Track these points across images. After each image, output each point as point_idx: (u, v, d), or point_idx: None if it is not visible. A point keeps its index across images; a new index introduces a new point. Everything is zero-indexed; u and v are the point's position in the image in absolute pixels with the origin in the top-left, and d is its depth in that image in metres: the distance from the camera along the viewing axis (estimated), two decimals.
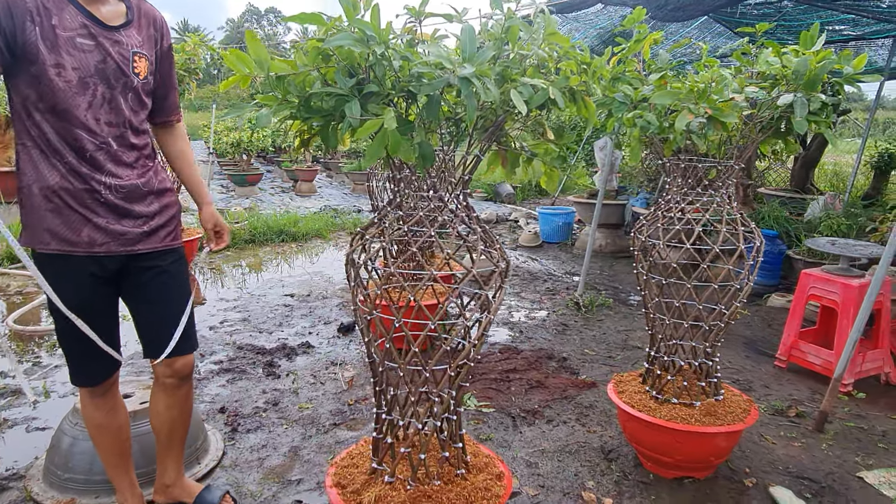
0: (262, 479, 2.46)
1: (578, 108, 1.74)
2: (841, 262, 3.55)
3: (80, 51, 1.70)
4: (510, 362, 3.68)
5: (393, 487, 1.81)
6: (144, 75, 1.85)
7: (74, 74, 1.69)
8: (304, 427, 2.88)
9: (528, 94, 1.48)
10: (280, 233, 7.32)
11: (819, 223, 5.30)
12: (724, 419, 2.36)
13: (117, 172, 1.79)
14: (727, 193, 2.37)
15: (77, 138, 1.72)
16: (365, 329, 1.82)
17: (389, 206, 1.82)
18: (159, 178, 1.93)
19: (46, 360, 3.62)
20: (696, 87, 2.03)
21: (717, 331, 2.39)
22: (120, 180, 1.79)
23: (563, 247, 7.35)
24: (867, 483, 2.49)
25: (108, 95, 1.76)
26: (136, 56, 1.81)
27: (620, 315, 4.75)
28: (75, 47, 1.69)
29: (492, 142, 1.76)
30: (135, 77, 1.81)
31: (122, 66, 1.77)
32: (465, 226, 1.76)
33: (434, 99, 1.47)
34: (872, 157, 6.79)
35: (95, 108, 1.74)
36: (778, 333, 4.25)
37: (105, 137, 1.76)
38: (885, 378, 3.51)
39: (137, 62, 1.82)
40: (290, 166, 12.59)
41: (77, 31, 1.69)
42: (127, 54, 1.79)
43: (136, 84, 1.82)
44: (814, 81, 1.95)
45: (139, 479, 2.23)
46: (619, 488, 2.43)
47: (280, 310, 4.71)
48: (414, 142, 1.51)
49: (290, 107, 1.59)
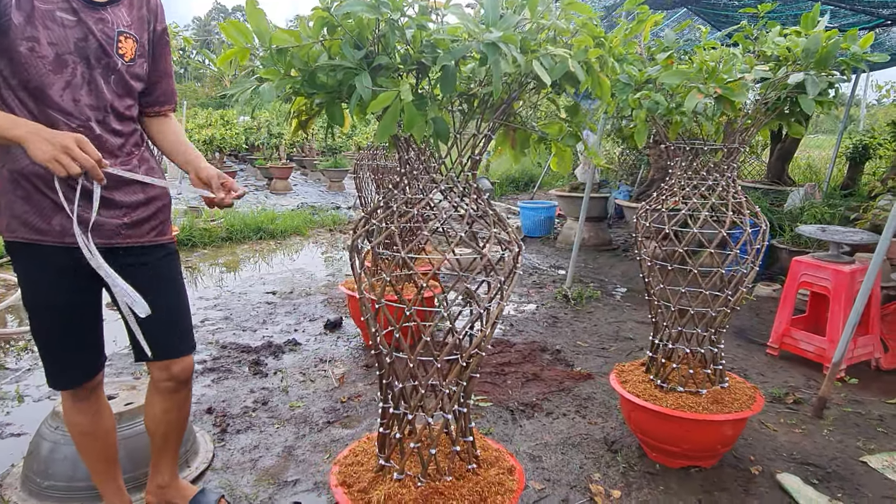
0: (257, 480, 2.35)
1: (592, 85, 1.67)
2: (831, 249, 3.56)
3: (60, 25, 1.55)
4: (504, 355, 3.61)
5: (403, 485, 1.73)
6: (131, 57, 1.70)
7: (51, 50, 1.55)
8: (296, 426, 2.77)
9: (549, 65, 1.41)
10: (258, 230, 7.15)
11: (801, 213, 5.35)
12: (731, 406, 2.32)
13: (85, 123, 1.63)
14: (731, 177, 2.33)
15: (52, 121, 1.57)
16: (371, 319, 1.72)
17: (395, 188, 1.73)
18: (146, 168, 1.78)
19: (15, 364, 3.43)
20: (705, 65, 1.98)
21: (722, 317, 2.36)
22: None
23: (545, 241, 7.31)
24: (871, 467, 2.47)
25: (87, 76, 1.61)
26: (122, 36, 1.67)
27: (609, 307, 4.72)
28: (53, 21, 1.54)
29: (503, 120, 1.68)
30: (118, 58, 1.66)
31: (105, 46, 1.63)
32: (477, 208, 1.68)
33: (450, 71, 1.39)
34: (847, 148, 6.90)
35: (74, 89, 1.60)
36: (766, 322, 4.27)
37: (84, 121, 1.62)
38: (875, 363, 3.53)
39: (123, 43, 1.67)
40: (265, 164, 12.37)
41: (58, 4, 1.55)
42: (111, 33, 1.64)
43: (119, 66, 1.67)
44: (825, 59, 1.92)
45: (127, 484, 2.10)
46: (627, 480, 2.37)
47: (263, 307, 4.57)
48: (427, 117, 1.43)
49: (292, 82, 1.49)
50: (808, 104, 2.04)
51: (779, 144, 7.25)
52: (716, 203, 2.30)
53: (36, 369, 3.33)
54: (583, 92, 1.67)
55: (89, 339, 1.80)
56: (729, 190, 2.32)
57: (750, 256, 2.31)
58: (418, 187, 1.67)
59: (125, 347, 3.71)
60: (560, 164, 1.80)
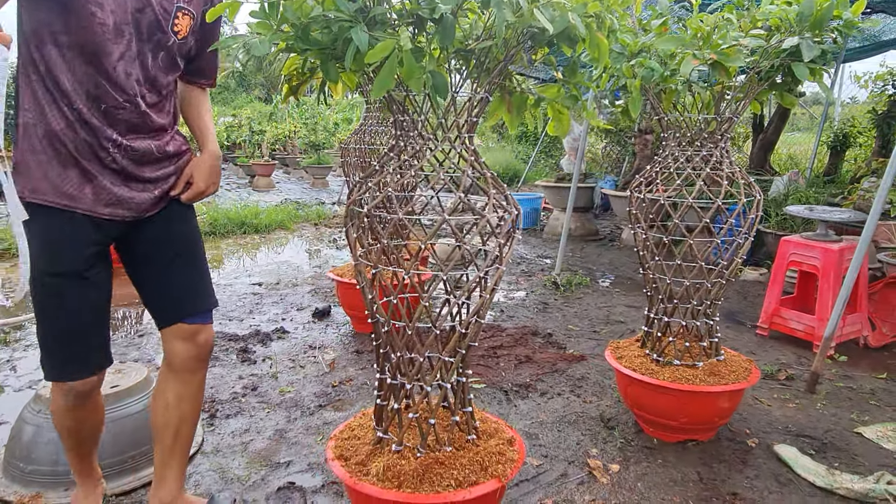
0: (249, 463, 2.29)
1: (589, 45, 1.64)
2: (819, 229, 3.58)
3: None
4: (495, 339, 3.58)
5: (402, 456, 1.68)
6: (184, 35, 1.59)
7: (111, 18, 1.43)
8: (287, 410, 2.71)
9: (549, 17, 1.38)
10: (242, 224, 7.05)
11: (785, 199, 5.39)
12: (728, 378, 2.31)
13: (131, 132, 1.55)
14: (725, 147, 2.33)
15: (99, 87, 1.47)
16: (367, 286, 1.68)
17: (391, 151, 1.69)
18: (177, 142, 1.70)
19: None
20: (700, 30, 1.96)
21: (718, 288, 2.35)
22: (133, 141, 1.55)
23: (532, 232, 7.31)
24: (866, 438, 2.48)
25: (138, 49, 1.51)
26: (181, 12, 1.56)
27: (599, 293, 4.72)
28: None
29: (500, 80, 1.65)
30: (172, 35, 1.56)
31: (162, 21, 1.52)
32: (476, 171, 1.64)
33: (449, 22, 1.35)
34: (828, 137, 6.98)
35: (128, 62, 1.49)
36: (754, 305, 4.29)
37: (132, 96, 1.52)
38: (863, 341, 3.56)
39: (179, 19, 1.56)
40: (247, 161, 12.23)
41: None
42: (170, 7, 1.54)
43: (171, 43, 1.57)
44: (821, 21, 1.91)
45: (110, 469, 2.05)
46: (624, 454, 2.35)
47: (249, 298, 4.49)
48: (425, 70, 1.39)
49: (285, 37, 1.45)
50: (801, 71, 2.04)
51: (761, 135, 7.33)
52: (710, 173, 2.29)
53: (15, 361, 3.23)
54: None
55: (99, 323, 1.64)
56: (723, 161, 2.31)
57: (744, 227, 2.31)
58: (414, 149, 1.64)
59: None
60: (558, 128, 1.77)
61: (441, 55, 1.53)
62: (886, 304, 3.67)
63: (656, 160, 2.45)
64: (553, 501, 2.06)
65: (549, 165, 12.55)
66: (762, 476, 2.21)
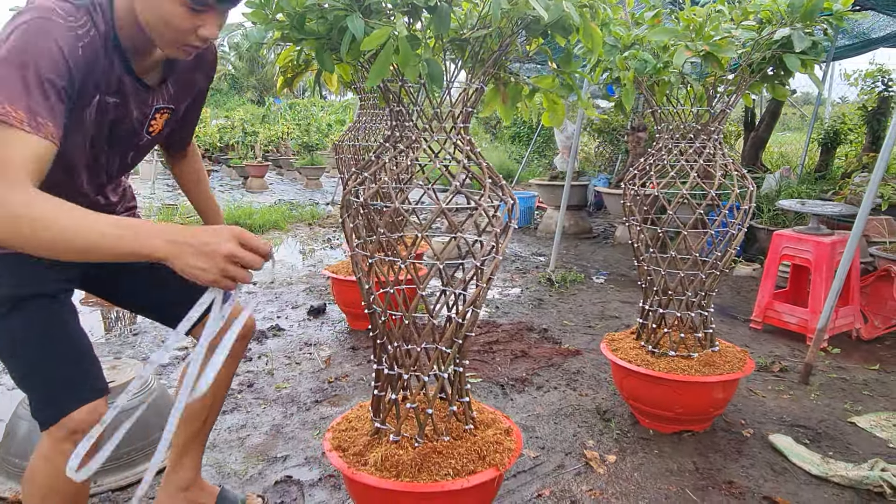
0: (245, 457, 2.29)
1: (583, 35, 1.65)
2: (811, 222, 3.60)
3: (102, 111, 1.34)
4: (491, 335, 3.59)
5: (399, 446, 1.68)
6: (158, 131, 1.54)
7: (88, 140, 1.37)
8: (283, 406, 2.71)
9: (543, 5, 1.39)
10: (235, 225, 7.02)
11: (777, 195, 5.42)
12: (722, 368, 2.33)
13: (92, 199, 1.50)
14: (718, 139, 2.34)
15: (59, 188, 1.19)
16: (364, 277, 1.68)
17: (387, 141, 1.69)
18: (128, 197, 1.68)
19: None
20: (692, 22, 1.98)
21: (712, 279, 2.36)
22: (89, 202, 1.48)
23: (526, 230, 7.32)
24: (860, 427, 2.50)
25: (106, 158, 1.45)
26: (158, 113, 1.49)
27: (593, 289, 4.73)
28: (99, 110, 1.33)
29: (495, 70, 1.66)
30: (146, 136, 1.51)
31: (137, 127, 1.46)
32: (472, 161, 1.65)
33: (444, 10, 1.36)
34: (819, 134, 7.03)
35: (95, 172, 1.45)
36: (747, 300, 4.32)
37: (91, 198, 1.48)
38: (856, 334, 3.59)
39: (156, 120, 1.50)
40: (240, 163, 12.21)
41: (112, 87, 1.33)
42: (148, 112, 1.46)
43: (143, 142, 1.52)
44: (811, 12, 1.93)
45: (107, 463, 2.03)
46: (621, 445, 2.36)
47: (242, 296, 4.48)
48: (421, 59, 1.40)
49: (280, 26, 1.45)
50: (792, 62, 2.06)
51: (752, 133, 7.38)
52: (703, 165, 2.30)
53: None
54: None
55: (81, 346, 1.43)
56: (716, 152, 2.33)
57: (738, 218, 2.32)
58: (409, 140, 1.64)
59: (101, 337, 3.61)
60: (552, 118, 1.78)
61: (436, 44, 1.54)
62: (878, 297, 3.70)
63: (650, 153, 2.46)
64: (550, 492, 2.07)
65: (543, 165, 12.60)
66: (757, 465, 2.23)
